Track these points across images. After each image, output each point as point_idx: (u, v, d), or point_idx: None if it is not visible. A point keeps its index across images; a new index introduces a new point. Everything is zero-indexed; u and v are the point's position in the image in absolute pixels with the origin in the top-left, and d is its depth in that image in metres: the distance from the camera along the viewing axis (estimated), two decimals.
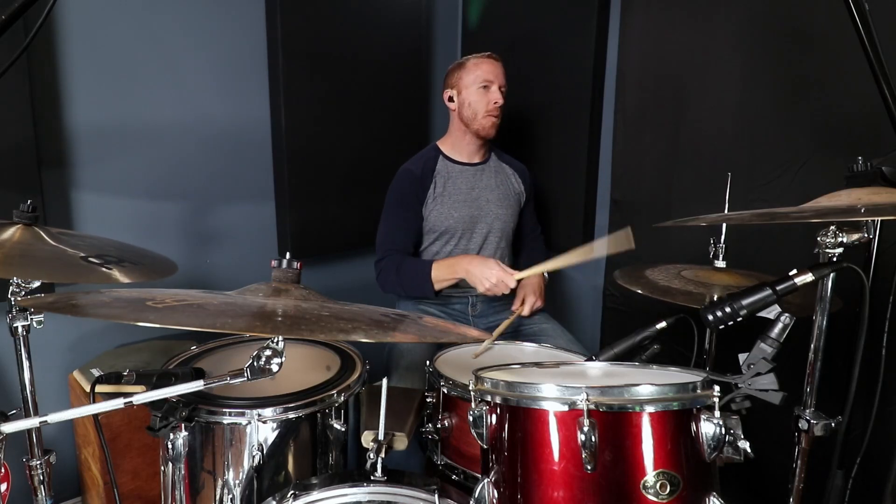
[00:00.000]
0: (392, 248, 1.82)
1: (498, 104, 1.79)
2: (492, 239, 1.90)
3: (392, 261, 1.79)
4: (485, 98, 1.79)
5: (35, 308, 1.10)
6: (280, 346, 0.86)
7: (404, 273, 1.77)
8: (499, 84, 1.80)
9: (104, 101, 1.73)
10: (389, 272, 1.79)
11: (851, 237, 0.95)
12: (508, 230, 1.94)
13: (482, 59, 1.81)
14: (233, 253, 2.06)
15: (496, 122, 1.82)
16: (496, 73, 1.80)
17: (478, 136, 1.84)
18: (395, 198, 1.84)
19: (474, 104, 1.81)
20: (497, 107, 1.80)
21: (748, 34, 1.69)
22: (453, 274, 1.70)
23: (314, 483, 1.06)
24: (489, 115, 1.80)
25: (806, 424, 1.03)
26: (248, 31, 2.00)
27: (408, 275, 1.77)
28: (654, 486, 0.82)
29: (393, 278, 1.78)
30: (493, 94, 1.79)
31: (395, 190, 1.85)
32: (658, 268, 1.49)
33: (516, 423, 0.90)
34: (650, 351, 1.19)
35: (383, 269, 1.81)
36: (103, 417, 1.37)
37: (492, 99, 1.79)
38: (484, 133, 1.83)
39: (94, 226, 1.74)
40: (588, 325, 2.31)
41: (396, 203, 1.84)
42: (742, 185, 1.67)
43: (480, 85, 1.79)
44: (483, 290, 1.62)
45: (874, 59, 0.93)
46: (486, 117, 1.80)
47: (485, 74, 1.79)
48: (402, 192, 1.83)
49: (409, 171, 1.84)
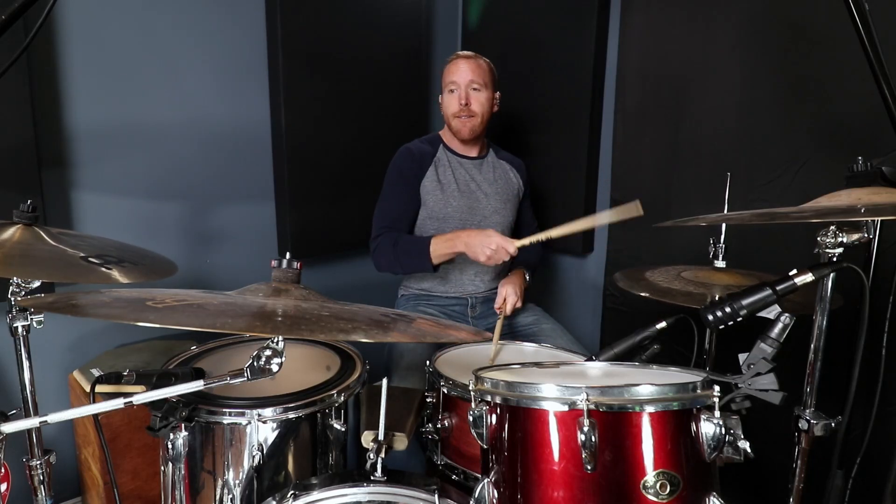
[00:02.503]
0: (388, 226, 1.80)
1: (465, 105, 1.77)
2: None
3: (389, 237, 1.77)
4: (452, 100, 1.79)
5: (35, 308, 1.10)
6: (280, 346, 0.86)
7: (402, 248, 1.74)
8: (465, 83, 1.77)
9: (104, 101, 1.73)
10: (386, 248, 1.75)
11: (851, 237, 0.95)
12: (506, 224, 1.93)
13: (450, 61, 1.81)
14: (233, 253, 2.06)
15: (468, 123, 1.79)
16: (462, 73, 1.77)
17: (457, 137, 1.84)
18: (393, 175, 1.84)
19: (445, 107, 1.83)
20: (463, 107, 1.77)
21: (748, 34, 1.69)
22: (452, 248, 1.67)
23: (314, 483, 1.06)
24: (456, 116, 1.80)
25: (806, 424, 1.03)
26: (248, 31, 2.00)
27: (405, 250, 1.74)
28: (654, 486, 0.82)
29: (390, 254, 1.75)
30: (458, 96, 1.78)
31: (393, 168, 1.85)
32: (658, 269, 1.49)
33: (516, 423, 0.90)
34: (650, 351, 1.19)
35: (379, 246, 1.78)
36: (103, 417, 1.37)
37: (455, 101, 1.78)
38: (460, 136, 1.82)
39: (94, 226, 1.74)
40: (588, 325, 2.31)
41: (393, 180, 1.84)
42: (742, 185, 1.67)
43: (449, 87, 1.80)
44: (484, 260, 1.59)
45: (874, 59, 0.93)
46: (454, 119, 1.80)
47: (450, 76, 1.79)
48: (399, 170, 1.83)
49: (408, 150, 1.85)
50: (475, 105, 1.79)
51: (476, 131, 1.82)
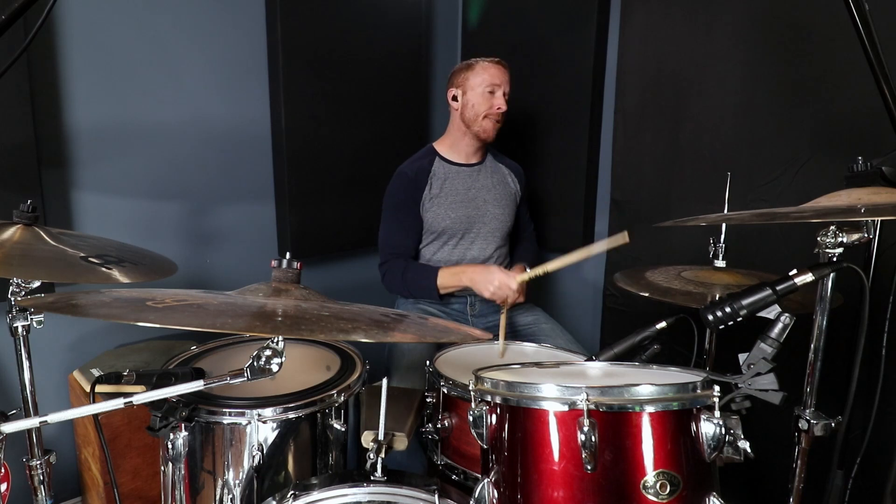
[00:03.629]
0: (394, 252, 1.86)
1: (501, 110, 1.81)
2: (489, 239, 1.90)
3: (397, 265, 1.83)
4: (489, 102, 1.80)
5: (35, 308, 1.10)
6: (280, 346, 0.86)
7: (410, 279, 1.81)
8: (504, 90, 1.82)
9: (104, 101, 1.73)
10: (395, 276, 1.83)
11: (851, 237, 0.95)
12: (505, 229, 1.95)
13: (491, 64, 1.82)
14: (233, 253, 2.06)
15: (497, 126, 1.84)
16: (503, 78, 1.81)
17: (478, 137, 1.85)
18: (391, 201, 1.87)
19: (478, 106, 1.81)
20: (500, 112, 1.81)
21: (748, 34, 1.69)
22: (458, 282, 1.77)
23: (314, 483, 1.06)
24: (490, 118, 1.81)
25: (806, 424, 1.03)
26: (248, 31, 2.00)
27: (414, 281, 1.81)
28: (654, 486, 0.82)
29: (399, 282, 1.83)
30: (498, 98, 1.80)
31: (391, 193, 1.87)
32: (658, 269, 1.49)
33: (516, 423, 0.90)
34: (650, 351, 1.19)
35: (388, 272, 1.85)
36: (103, 417, 1.38)
37: (496, 104, 1.80)
38: (484, 136, 1.84)
39: (94, 226, 1.74)
40: (588, 325, 2.31)
41: (393, 206, 1.86)
42: (742, 185, 1.67)
43: (486, 88, 1.80)
44: (488, 296, 1.67)
45: (874, 59, 0.94)
46: (486, 119, 1.81)
47: (492, 78, 1.80)
48: (396, 195, 1.85)
49: (403, 174, 1.86)
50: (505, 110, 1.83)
51: (496, 134, 1.86)
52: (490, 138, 1.85)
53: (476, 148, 1.90)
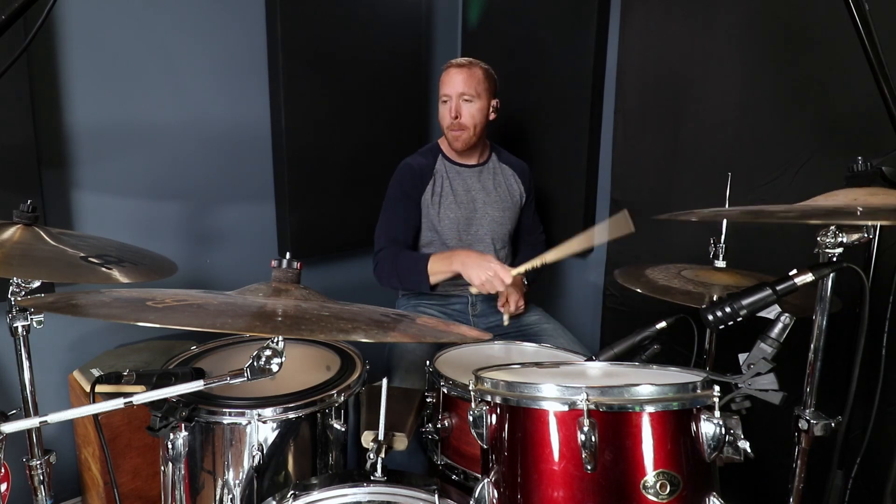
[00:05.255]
0: (390, 241, 1.80)
1: (455, 118, 1.74)
2: (487, 241, 1.89)
3: (389, 252, 1.77)
4: (444, 112, 1.77)
5: (35, 308, 1.10)
6: (280, 346, 0.86)
7: (401, 265, 1.75)
8: (457, 95, 1.74)
9: (104, 101, 1.73)
10: (386, 264, 1.76)
11: (851, 237, 0.95)
12: (504, 233, 1.92)
13: (444, 70, 1.78)
14: (233, 253, 2.06)
15: (460, 136, 1.77)
16: (453, 84, 1.74)
17: (451, 148, 1.84)
18: (394, 191, 1.84)
19: (440, 117, 1.81)
20: (454, 121, 1.74)
21: (748, 34, 1.69)
22: (449, 266, 1.65)
23: (314, 483, 1.06)
24: (449, 129, 1.78)
25: (806, 424, 1.03)
26: (248, 31, 2.00)
27: (404, 267, 1.74)
28: (654, 486, 0.82)
29: (389, 270, 1.76)
30: (449, 108, 1.75)
31: (394, 183, 1.85)
32: (658, 267, 1.49)
33: (516, 423, 0.90)
34: (650, 351, 1.19)
35: (380, 261, 1.79)
36: (103, 417, 1.38)
37: (447, 114, 1.76)
38: (454, 147, 1.81)
39: (94, 226, 1.74)
40: (588, 325, 2.31)
41: (395, 196, 1.83)
42: (742, 185, 1.67)
43: (441, 99, 1.78)
44: (478, 284, 1.56)
45: (874, 59, 0.94)
46: (448, 131, 1.79)
47: (443, 88, 1.77)
48: (400, 186, 1.83)
49: (408, 165, 1.84)
50: (466, 118, 1.75)
51: (469, 143, 1.80)
52: (458, 149, 1.81)
53: (469, 152, 1.87)
